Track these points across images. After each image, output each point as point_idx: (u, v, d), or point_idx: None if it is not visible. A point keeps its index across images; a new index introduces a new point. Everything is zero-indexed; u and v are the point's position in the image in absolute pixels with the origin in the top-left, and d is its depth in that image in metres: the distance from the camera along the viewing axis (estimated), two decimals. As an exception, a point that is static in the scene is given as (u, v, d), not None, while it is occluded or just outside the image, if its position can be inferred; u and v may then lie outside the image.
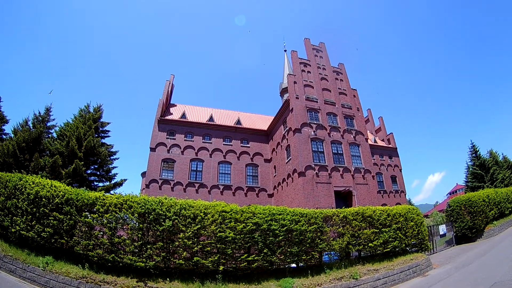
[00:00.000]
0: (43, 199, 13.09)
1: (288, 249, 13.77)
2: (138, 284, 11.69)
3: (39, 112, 36.94)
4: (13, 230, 13.32)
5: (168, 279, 12.13)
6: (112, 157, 33.66)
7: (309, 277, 13.58)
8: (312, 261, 14.67)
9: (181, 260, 12.27)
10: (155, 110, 42.73)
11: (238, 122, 46.18)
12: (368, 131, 47.70)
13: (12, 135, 33.98)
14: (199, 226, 12.55)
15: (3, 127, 36.37)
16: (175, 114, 45.29)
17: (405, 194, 49.85)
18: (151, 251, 12.30)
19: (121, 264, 12.26)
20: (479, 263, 16.46)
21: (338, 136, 37.12)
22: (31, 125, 35.86)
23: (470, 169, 58.15)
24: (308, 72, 41.55)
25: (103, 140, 34.48)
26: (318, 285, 13.12)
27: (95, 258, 12.24)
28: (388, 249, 16.35)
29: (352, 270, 14.37)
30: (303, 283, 12.98)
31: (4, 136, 36.19)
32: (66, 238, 12.72)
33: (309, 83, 40.14)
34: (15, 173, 15.49)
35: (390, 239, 16.40)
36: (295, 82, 39.02)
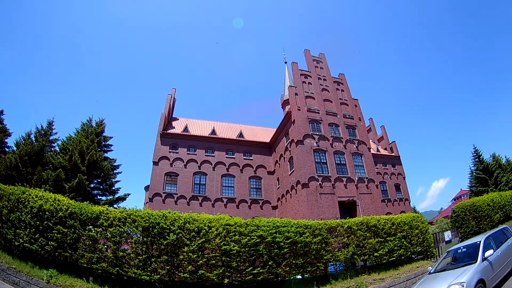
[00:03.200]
0: (47, 213, 13.09)
1: (293, 261, 13.71)
2: (143, 298, 11.67)
3: (42, 126, 37.02)
4: (16, 243, 13.31)
5: (172, 292, 12.06)
6: (115, 171, 33.68)
7: (314, 288, 13.48)
8: (318, 272, 14.57)
9: (186, 274, 12.22)
10: (157, 124, 42.84)
11: (241, 135, 46.18)
12: (370, 140, 47.49)
13: (15, 148, 34.11)
14: (204, 239, 12.53)
15: (5, 140, 36.52)
16: (177, 127, 45.40)
17: (409, 202, 49.49)
18: (156, 265, 12.26)
19: (125, 278, 12.23)
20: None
21: (340, 146, 37.05)
22: (33, 138, 35.94)
23: (474, 173, 57.63)
24: (309, 83, 41.66)
25: (106, 154, 34.49)
26: (324, 296, 13.08)
27: (99, 271, 12.23)
28: (394, 258, 16.21)
29: (358, 280, 14.28)
30: (309, 295, 12.93)
31: (7, 149, 36.33)
32: (70, 252, 12.71)
33: (310, 94, 40.23)
34: (18, 186, 15.52)
35: (396, 248, 16.29)
36: (296, 94, 39.12)
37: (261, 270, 12.95)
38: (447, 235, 23.59)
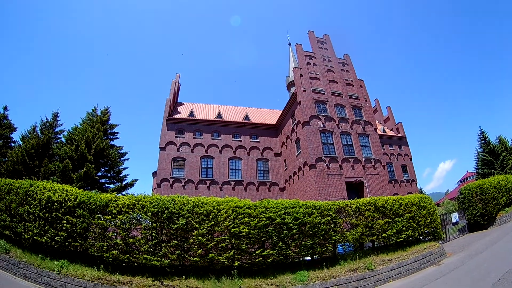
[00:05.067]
0: (55, 204, 13.15)
1: (302, 242, 13.75)
2: (154, 283, 11.75)
3: (47, 118, 37.11)
4: (26, 236, 13.40)
5: (183, 276, 12.16)
6: (122, 159, 33.67)
7: (324, 269, 13.54)
8: (327, 253, 14.64)
9: (196, 257, 12.29)
10: (163, 109, 42.86)
11: (247, 117, 46.11)
12: (376, 121, 47.28)
13: (21, 143, 34.20)
14: (213, 222, 12.57)
15: (11, 135, 36.66)
16: (183, 112, 45.38)
17: (416, 183, 49.29)
18: (166, 250, 12.34)
19: (136, 264, 12.33)
20: (492, 250, 16.34)
21: (347, 127, 36.85)
22: (39, 131, 36.00)
23: (480, 156, 57.05)
24: (314, 64, 41.24)
25: (112, 142, 34.45)
26: (333, 277, 13.08)
27: (110, 259, 12.31)
28: (402, 239, 16.21)
29: (367, 261, 14.31)
30: (318, 276, 12.95)
31: (13, 144, 36.49)
32: (80, 241, 12.79)
33: (315, 76, 39.86)
34: (26, 179, 15.57)
35: (403, 229, 16.28)
36: (301, 75, 38.78)
37: (270, 252, 13.02)
38: (454, 217, 23.56)
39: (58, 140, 36.29)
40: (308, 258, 14.48)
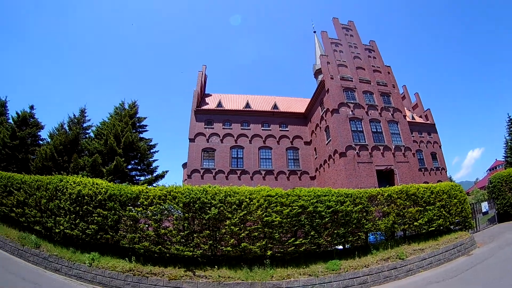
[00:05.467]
0: (86, 197, 13.39)
1: (335, 231, 13.62)
2: (186, 273, 11.84)
3: (74, 115, 38.08)
4: (57, 230, 13.68)
5: (215, 266, 12.22)
6: (151, 151, 33.83)
7: (356, 258, 13.42)
8: (359, 242, 14.47)
9: (228, 247, 12.34)
10: (191, 101, 43.25)
11: (275, 106, 46.11)
12: (405, 108, 46.53)
13: (49, 140, 34.99)
14: (245, 212, 12.57)
15: (38, 133, 37.59)
16: (211, 103, 45.81)
17: (445, 171, 48.40)
18: (198, 240, 12.42)
19: (167, 255, 12.45)
20: (523, 242, 15.94)
21: (376, 114, 36.30)
22: (67, 128, 36.83)
23: (509, 143, 55.33)
24: (340, 51, 40.70)
25: (141, 135, 34.71)
26: (365, 266, 12.93)
27: (142, 251, 12.46)
28: (433, 228, 15.84)
29: (398, 250, 14.11)
30: (350, 265, 12.83)
31: (41, 142, 37.49)
32: (111, 233, 13.00)
33: (342, 63, 39.31)
34: (56, 175, 15.87)
35: (435, 217, 15.89)
36: (328, 63, 38.34)
37: (303, 241, 12.93)
38: (484, 206, 22.90)
39: (87, 136, 37.07)
40: (340, 247, 14.39)
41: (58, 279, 12.04)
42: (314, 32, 68.07)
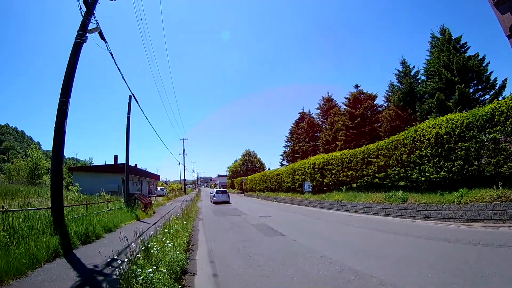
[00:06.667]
0: (445, 136, 13.74)
1: None
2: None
3: (398, 70, 40.52)
4: (422, 178, 14.74)
5: None
6: (483, 65, 31.20)
7: None
8: None
9: None
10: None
11: None
12: None
13: (385, 104, 38.11)
14: None
15: (375, 103, 42.42)
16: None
17: None
18: None
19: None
20: None
21: None
22: (397, 84, 39.22)
23: None
24: None
25: (467, 55, 32.58)
26: None
27: (508, 173, 11.54)
28: None
29: None
30: None
31: (379, 109, 41.78)
32: (475, 164, 12.81)
33: None
34: (409, 128, 16.98)
35: None
36: None
37: None
38: None
39: (419, 81, 37.71)
40: None
41: (427, 225, 12.71)
42: None
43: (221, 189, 59.78)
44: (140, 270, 5.18)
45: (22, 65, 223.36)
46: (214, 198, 39.87)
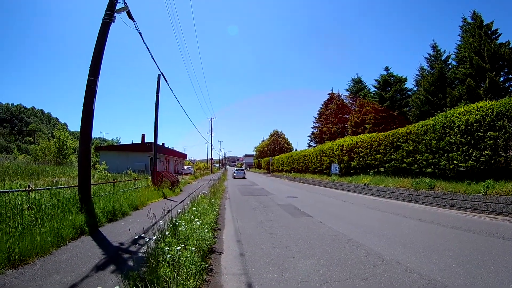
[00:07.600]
0: (475, 124, 13.36)
1: None
2: None
3: (428, 54, 39.59)
4: (450, 166, 14.40)
5: None
6: (515, 53, 30.24)
7: None
8: None
9: None
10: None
11: None
12: None
13: (415, 88, 37.24)
14: None
15: (405, 86, 41.16)
16: None
17: None
18: None
19: None
20: None
21: None
22: (428, 68, 38.27)
23: None
24: None
25: (498, 41, 31.63)
26: None
27: None
28: None
29: None
30: None
31: (409, 93, 41.17)
32: (503, 155, 12.50)
33: None
34: (438, 114, 16.63)
35: None
36: None
37: None
38: None
39: (450, 66, 36.99)
40: None
41: (452, 214, 12.52)
42: None
43: (240, 167, 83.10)
44: (168, 248, 5.23)
45: (48, 48, 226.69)
46: (234, 174, 58.01)
